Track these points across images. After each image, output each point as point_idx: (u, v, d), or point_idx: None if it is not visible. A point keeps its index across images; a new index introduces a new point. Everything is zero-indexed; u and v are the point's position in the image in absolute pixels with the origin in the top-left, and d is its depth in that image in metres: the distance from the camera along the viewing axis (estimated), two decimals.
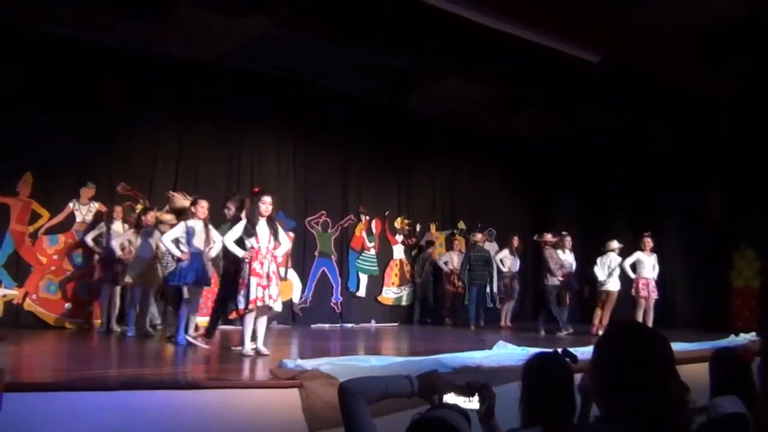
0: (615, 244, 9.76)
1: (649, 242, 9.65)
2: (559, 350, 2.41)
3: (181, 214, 7.50)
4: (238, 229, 6.26)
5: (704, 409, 2.93)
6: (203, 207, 7.07)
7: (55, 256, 8.86)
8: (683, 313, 11.40)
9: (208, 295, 9.66)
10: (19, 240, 8.63)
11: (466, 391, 2.06)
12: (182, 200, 7.69)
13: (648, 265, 9.58)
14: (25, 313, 8.56)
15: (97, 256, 8.66)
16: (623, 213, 12.55)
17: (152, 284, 8.27)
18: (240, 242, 6.20)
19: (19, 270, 8.61)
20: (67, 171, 8.95)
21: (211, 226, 7.13)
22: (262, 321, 6.20)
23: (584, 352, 2.68)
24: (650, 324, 9.10)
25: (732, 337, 8.49)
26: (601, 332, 8.51)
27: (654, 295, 9.54)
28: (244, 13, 7.88)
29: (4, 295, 8.44)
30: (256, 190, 6.92)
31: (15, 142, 8.36)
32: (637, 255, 9.64)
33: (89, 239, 8.68)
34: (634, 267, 9.62)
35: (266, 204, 6.16)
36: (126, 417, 3.84)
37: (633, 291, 9.57)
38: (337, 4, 7.82)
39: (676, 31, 8.56)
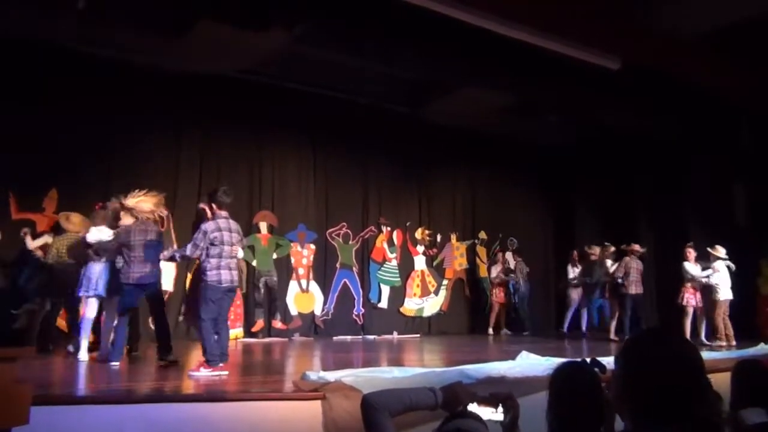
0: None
1: (691, 252, 9.66)
2: (588, 360, 2.37)
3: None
4: None
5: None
6: None
7: None
8: (710, 321, 11.23)
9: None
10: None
11: (491, 402, 2.05)
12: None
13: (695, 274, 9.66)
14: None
15: None
16: (646, 221, 12.41)
17: None
18: None
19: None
20: (91, 186, 9.06)
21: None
22: None
23: (611, 362, 2.64)
24: (703, 332, 9.46)
25: (761, 345, 8.34)
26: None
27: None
28: (263, 28, 7.95)
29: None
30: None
31: (40, 159, 8.50)
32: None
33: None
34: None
35: None
36: (151, 430, 3.86)
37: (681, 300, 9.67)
38: (355, 18, 7.86)
39: (696, 35, 8.48)
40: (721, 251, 9.41)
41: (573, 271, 11.65)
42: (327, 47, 8.83)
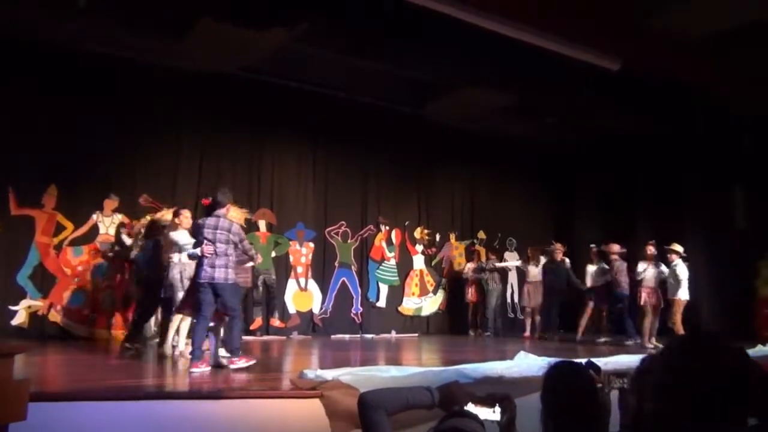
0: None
1: (651, 250, 9.62)
2: (583, 361, 2.37)
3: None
4: None
5: None
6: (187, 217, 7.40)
7: (79, 268, 8.98)
8: (708, 322, 11.22)
9: None
10: (44, 252, 8.76)
11: (488, 402, 2.05)
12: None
13: (650, 273, 9.54)
14: (51, 324, 8.68)
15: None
16: (645, 221, 12.41)
17: None
18: None
19: (44, 281, 8.73)
20: (90, 183, 9.07)
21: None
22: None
23: (607, 363, 2.65)
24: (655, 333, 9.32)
25: (759, 347, 8.34)
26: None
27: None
28: (263, 27, 7.94)
29: (30, 306, 8.57)
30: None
31: (39, 155, 8.53)
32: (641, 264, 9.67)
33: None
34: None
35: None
36: (149, 427, 3.87)
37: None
38: (355, 17, 7.86)
39: (697, 37, 8.49)
40: (679, 249, 9.29)
41: (532, 269, 11.44)
42: (327, 47, 8.83)
